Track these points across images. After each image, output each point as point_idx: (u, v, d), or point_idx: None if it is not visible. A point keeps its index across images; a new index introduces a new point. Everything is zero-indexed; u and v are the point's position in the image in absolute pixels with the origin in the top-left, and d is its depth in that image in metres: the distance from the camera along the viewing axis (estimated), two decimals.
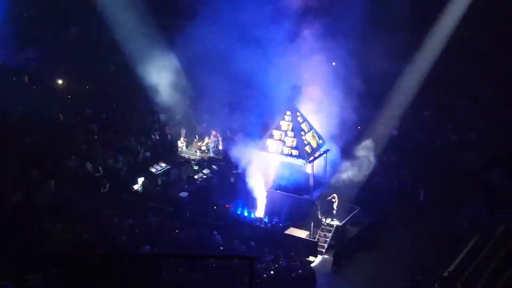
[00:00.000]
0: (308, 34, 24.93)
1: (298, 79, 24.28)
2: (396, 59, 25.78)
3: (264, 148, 23.22)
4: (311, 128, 23.66)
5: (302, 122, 23.31)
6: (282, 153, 23.01)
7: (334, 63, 25.60)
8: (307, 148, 23.03)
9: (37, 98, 26.45)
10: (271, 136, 23.26)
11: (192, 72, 28.44)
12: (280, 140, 23.08)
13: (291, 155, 22.94)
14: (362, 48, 25.87)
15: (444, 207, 22.48)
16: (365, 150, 23.84)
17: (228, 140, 26.96)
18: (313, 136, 23.63)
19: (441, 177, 23.93)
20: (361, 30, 25.31)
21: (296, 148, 22.86)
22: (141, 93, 28.73)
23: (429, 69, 27.10)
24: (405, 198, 23.65)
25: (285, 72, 23.90)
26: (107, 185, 23.24)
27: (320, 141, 23.93)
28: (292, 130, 22.97)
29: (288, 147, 23.01)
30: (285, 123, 23.17)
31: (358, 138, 25.38)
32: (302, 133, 23.03)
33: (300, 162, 22.84)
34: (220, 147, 27.29)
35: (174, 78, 28.65)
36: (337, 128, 24.34)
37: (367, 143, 24.13)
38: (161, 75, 28.42)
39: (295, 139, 22.88)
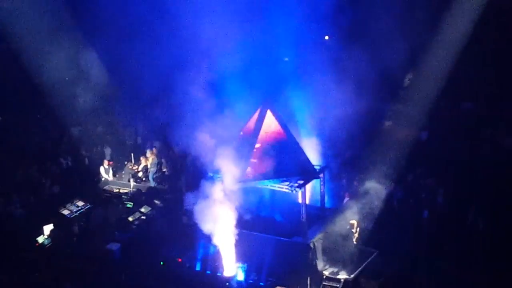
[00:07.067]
0: None
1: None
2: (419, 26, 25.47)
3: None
4: (289, 141, 22.84)
5: (272, 129, 22.69)
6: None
7: (327, 37, 24.98)
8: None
9: None
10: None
11: (116, 62, 27.56)
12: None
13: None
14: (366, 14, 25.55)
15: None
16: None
17: (175, 161, 26.08)
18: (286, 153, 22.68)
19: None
20: None
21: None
22: (41, 98, 27.54)
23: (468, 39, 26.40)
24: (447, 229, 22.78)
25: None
26: None
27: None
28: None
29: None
30: (250, 126, 22.88)
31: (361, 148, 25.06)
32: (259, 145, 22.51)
33: (284, 187, 22.17)
34: (165, 171, 26.57)
35: (90, 72, 27.67)
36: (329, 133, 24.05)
37: None
38: (70, 69, 27.31)
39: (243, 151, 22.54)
